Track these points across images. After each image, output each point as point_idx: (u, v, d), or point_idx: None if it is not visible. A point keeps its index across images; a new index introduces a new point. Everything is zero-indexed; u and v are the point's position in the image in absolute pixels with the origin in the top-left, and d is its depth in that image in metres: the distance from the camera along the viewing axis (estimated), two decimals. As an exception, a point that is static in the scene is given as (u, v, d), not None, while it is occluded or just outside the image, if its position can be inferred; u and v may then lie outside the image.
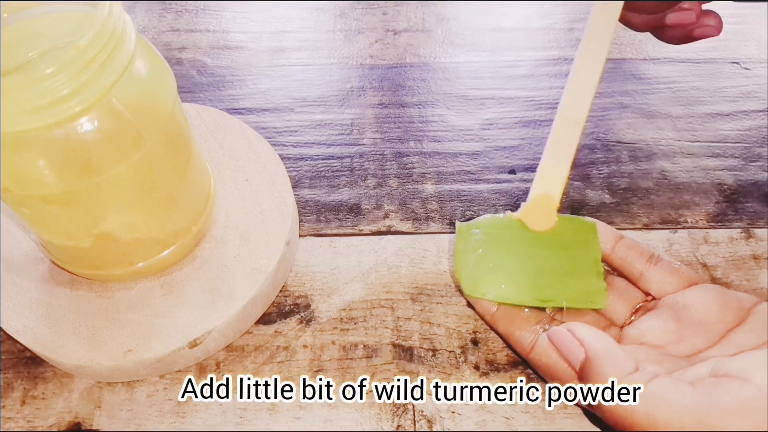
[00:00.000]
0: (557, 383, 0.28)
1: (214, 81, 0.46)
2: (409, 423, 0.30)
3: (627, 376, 0.24)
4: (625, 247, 0.31)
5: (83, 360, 0.29)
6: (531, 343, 0.28)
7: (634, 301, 0.30)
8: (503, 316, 0.29)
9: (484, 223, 0.32)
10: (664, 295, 0.29)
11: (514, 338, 0.29)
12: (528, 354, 0.28)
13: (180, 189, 0.30)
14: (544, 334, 0.28)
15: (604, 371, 0.24)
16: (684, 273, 0.29)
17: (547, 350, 0.27)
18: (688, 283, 0.29)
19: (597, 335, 0.26)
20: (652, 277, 0.30)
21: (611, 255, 0.31)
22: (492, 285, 0.30)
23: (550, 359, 0.27)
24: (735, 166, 0.40)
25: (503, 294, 0.29)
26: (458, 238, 0.31)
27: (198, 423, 0.30)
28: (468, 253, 0.31)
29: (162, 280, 0.32)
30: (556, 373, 0.27)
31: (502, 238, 0.31)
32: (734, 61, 0.47)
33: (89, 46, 0.23)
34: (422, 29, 0.50)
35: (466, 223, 0.32)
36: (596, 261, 0.30)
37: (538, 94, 0.45)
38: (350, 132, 0.42)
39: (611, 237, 0.31)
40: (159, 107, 0.27)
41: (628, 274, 0.31)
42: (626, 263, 0.30)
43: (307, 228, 0.37)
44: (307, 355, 0.32)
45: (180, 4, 0.51)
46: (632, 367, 0.24)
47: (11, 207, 0.27)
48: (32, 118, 0.23)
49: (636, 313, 0.30)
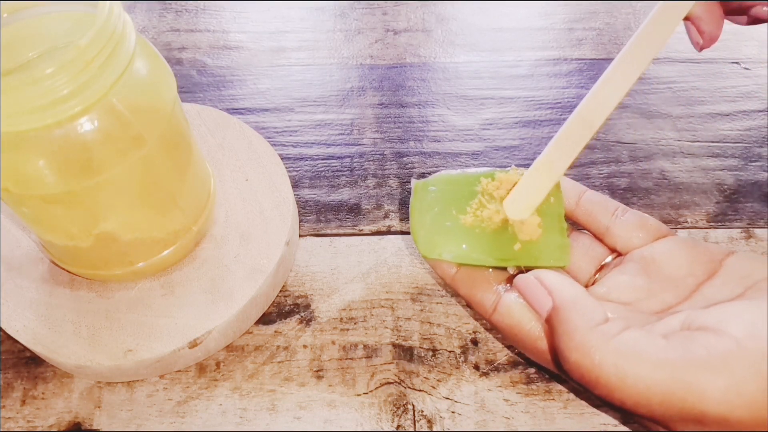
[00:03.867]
0: (520, 346, 0.26)
1: (214, 81, 0.46)
2: (409, 423, 0.30)
3: (596, 327, 0.22)
4: (589, 201, 0.29)
5: (83, 360, 0.29)
6: (493, 305, 0.26)
7: (600, 258, 0.29)
8: (463, 278, 0.27)
9: (441, 180, 0.29)
10: (631, 249, 0.27)
11: (476, 300, 0.27)
12: (490, 316, 0.27)
13: (180, 189, 0.30)
14: (506, 294, 0.26)
15: (572, 321, 0.22)
16: (651, 225, 0.28)
17: (510, 311, 0.25)
18: (656, 235, 0.27)
19: (566, 283, 0.24)
20: (618, 231, 0.28)
21: (575, 210, 0.29)
22: (449, 245, 0.27)
23: (513, 320, 0.25)
24: (735, 166, 0.40)
25: (461, 254, 0.27)
26: (414, 196, 0.29)
27: (198, 423, 0.30)
28: (424, 212, 0.28)
29: (162, 280, 0.32)
30: (520, 335, 0.25)
31: (460, 195, 0.29)
32: (734, 61, 0.47)
33: (89, 46, 0.23)
34: (422, 29, 0.50)
35: (422, 181, 0.29)
36: (559, 217, 0.28)
37: (538, 94, 0.45)
38: (350, 132, 0.42)
39: (575, 192, 0.29)
40: (159, 107, 0.27)
41: (593, 229, 0.29)
42: (591, 218, 0.29)
43: (307, 228, 0.37)
44: (307, 355, 0.32)
45: (180, 4, 0.51)
46: (602, 317, 0.23)
47: (11, 207, 0.27)
48: (32, 118, 0.23)
49: (601, 271, 0.28)
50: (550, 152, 0.28)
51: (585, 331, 0.22)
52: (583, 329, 0.22)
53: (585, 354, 0.22)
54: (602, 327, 0.22)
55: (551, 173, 0.28)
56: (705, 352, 0.20)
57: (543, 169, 0.28)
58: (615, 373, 0.21)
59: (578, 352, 0.22)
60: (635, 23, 0.50)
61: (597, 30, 0.49)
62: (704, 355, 0.20)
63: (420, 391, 0.31)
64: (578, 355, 0.22)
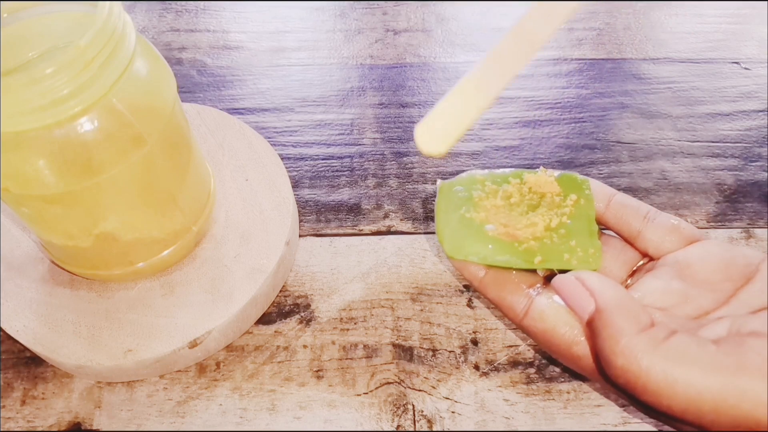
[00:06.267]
0: (554, 352, 0.25)
1: (214, 81, 0.46)
2: (409, 423, 0.30)
3: (642, 331, 0.21)
4: (619, 204, 0.28)
5: (83, 360, 0.29)
6: (524, 309, 0.25)
7: (631, 262, 0.28)
8: (492, 281, 0.26)
9: (467, 180, 0.28)
10: (663, 254, 0.27)
11: (506, 304, 0.26)
12: (521, 320, 0.26)
13: (180, 189, 0.30)
14: (538, 297, 0.25)
15: (617, 325, 0.21)
16: (684, 229, 0.27)
17: (543, 315, 0.25)
18: (689, 239, 0.26)
19: (609, 284, 0.23)
20: (650, 235, 0.27)
21: (605, 213, 0.28)
22: (477, 246, 0.26)
23: (546, 324, 0.24)
24: (735, 166, 0.40)
25: (488, 256, 0.26)
26: (439, 197, 0.28)
27: (198, 423, 0.30)
28: (450, 212, 0.27)
29: (162, 280, 0.32)
30: (553, 339, 0.24)
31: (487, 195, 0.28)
32: (734, 61, 0.47)
33: (89, 46, 0.23)
34: (422, 29, 0.50)
35: (448, 181, 0.29)
36: (590, 219, 0.28)
37: (538, 94, 0.45)
38: (350, 132, 0.42)
39: (605, 194, 0.29)
40: (159, 107, 0.27)
41: (625, 233, 0.28)
42: (622, 222, 0.28)
43: (307, 228, 0.37)
44: (307, 355, 0.32)
45: (180, 4, 0.51)
46: (648, 321, 0.22)
47: (11, 207, 0.27)
48: (32, 118, 0.23)
49: (633, 276, 0.27)
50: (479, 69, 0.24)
51: (631, 335, 0.21)
52: (629, 333, 0.21)
53: (632, 359, 0.21)
54: (649, 331, 0.21)
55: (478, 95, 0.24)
56: (759, 359, 0.19)
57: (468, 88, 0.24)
58: (664, 379, 0.20)
59: (624, 357, 0.21)
60: (635, 23, 0.50)
61: (597, 30, 0.49)
62: (759, 362, 0.19)
63: (420, 391, 0.31)
64: (624, 360, 0.21)
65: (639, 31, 0.49)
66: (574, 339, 0.24)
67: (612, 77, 0.46)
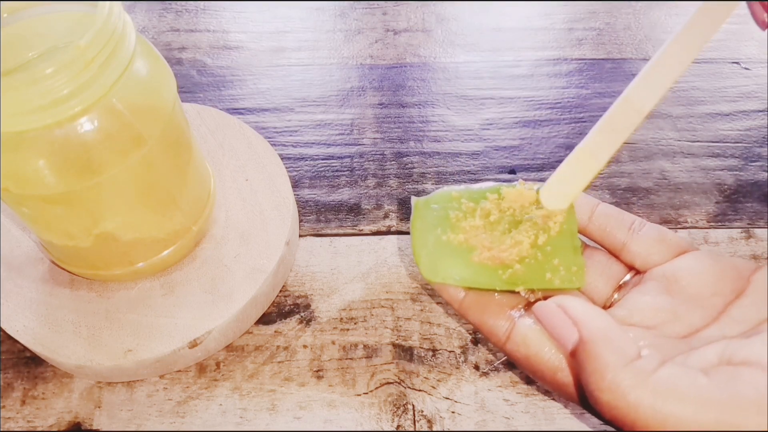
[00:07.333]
0: (538, 378, 0.24)
1: (214, 81, 0.46)
2: (409, 423, 0.30)
3: (630, 364, 0.20)
4: (603, 215, 0.27)
5: (83, 360, 0.29)
6: (507, 333, 0.24)
7: (617, 276, 0.26)
8: (473, 303, 0.25)
9: (443, 197, 0.27)
10: (650, 267, 0.25)
11: (487, 328, 0.25)
12: (504, 345, 0.24)
13: (180, 189, 0.30)
14: (520, 320, 0.24)
15: (603, 357, 0.20)
16: (672, 240, 0.25)
17: (525, 339, 0.23)
18: (677, 251, 0.25)
19: (594, 313, 0.22)
20: (635, 247, 0.26)
21: (588, 226, 0.27)
22: (455, 268, 0.25)
23: (529, 350, 0.23)
24: (735, 166, 0.40)
25: (467, 277, 0.25)
26: (414, 215, 0.27)
27: (198, 423, 0.30)
28: (426, 232, 0.26)
29: (162, 280, 0.32)
30: (537, 365, 0.23)
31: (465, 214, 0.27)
32: (734, 61, 0.47)
33: (89, 46, 0.23)
34: (422, 29, 0.50)
35: (423, 198, 0.27)
36: (572, 234, 0.26)
37: (538, 94, 0.45)
38: (350, 132, 0.42)
39: (587, 205, 0.27)
40: (159, 107, 0.27)
41: (609, 245, 0.27)
42: (606, 234, 0.26)
43: (307, 228, 0.37)
44: (307, 355, 0.32)
45: (180, 4, 0.51)
46: (635, 352, 0.21)
47: (11, 207, 0.27)
48: (32, 118, 0.23)
49: (619, 291, 0.26)
50: (593, 138, 0.26)
51: (618, 368, 0.20)
52: (616, 367, 0.20)
53: (618, 394, 0.20)
54: (636, 363, 0.20)
55: (593, 161, 0.26)
56: (754, 392, 0.18)
57: (584, 155, 0.26)
58: (653, 416, 0.19)
59: (611, 393, 0.20)
60: (635, 23, 0.50)
61: (597, 30, 0.49)
62: (753, 395, 0.18)
63: (420, 391, 0.31)
64: (611, 395, 0.20)
65: (639, 31, 0.49)
66: (559, 365, 0.23)
67: (612, 77, 0.46)
